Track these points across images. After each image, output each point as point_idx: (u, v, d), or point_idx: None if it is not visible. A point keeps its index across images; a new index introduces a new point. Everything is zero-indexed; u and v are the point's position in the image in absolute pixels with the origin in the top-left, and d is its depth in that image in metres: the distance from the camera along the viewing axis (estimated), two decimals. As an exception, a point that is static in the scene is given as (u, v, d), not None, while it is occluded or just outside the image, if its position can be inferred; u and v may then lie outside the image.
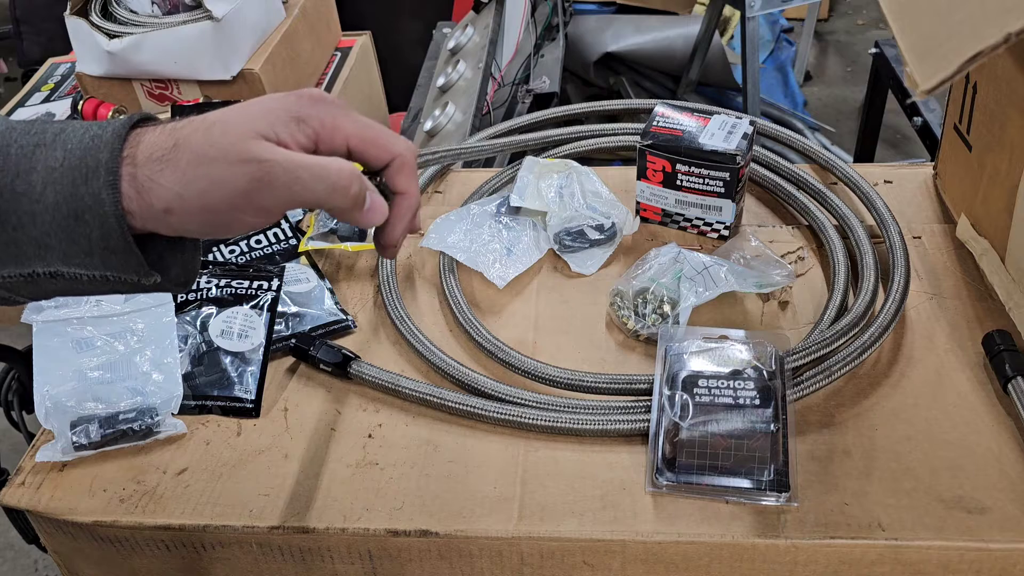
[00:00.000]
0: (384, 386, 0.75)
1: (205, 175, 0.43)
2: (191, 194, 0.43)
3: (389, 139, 0.49)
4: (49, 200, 0.43)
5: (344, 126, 0.47)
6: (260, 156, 0.43)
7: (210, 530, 0.67)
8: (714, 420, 0.68)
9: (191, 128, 0.44)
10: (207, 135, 0.44)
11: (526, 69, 1.79)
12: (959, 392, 0.73)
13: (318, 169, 0.45)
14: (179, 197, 0.43)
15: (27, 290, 0.47)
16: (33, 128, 0.45)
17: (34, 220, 0.43)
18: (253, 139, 0.44)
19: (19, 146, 0.44)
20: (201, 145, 0.43)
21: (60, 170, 0.43)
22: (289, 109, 0.46)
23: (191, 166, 0.43)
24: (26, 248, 0.44)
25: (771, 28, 2.86)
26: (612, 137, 0.99)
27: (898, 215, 0.85)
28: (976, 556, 0.62)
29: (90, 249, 0.44)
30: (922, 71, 0.56)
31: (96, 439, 0.72)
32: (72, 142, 0.44)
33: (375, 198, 0.48)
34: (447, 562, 0.67)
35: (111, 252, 0.44)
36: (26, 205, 0.43)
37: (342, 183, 0.46)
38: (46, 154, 0.43)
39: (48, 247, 0.44)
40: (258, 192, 0.44)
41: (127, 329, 0.78)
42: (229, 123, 0.44)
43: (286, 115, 0.45)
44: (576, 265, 0.88)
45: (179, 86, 1.25)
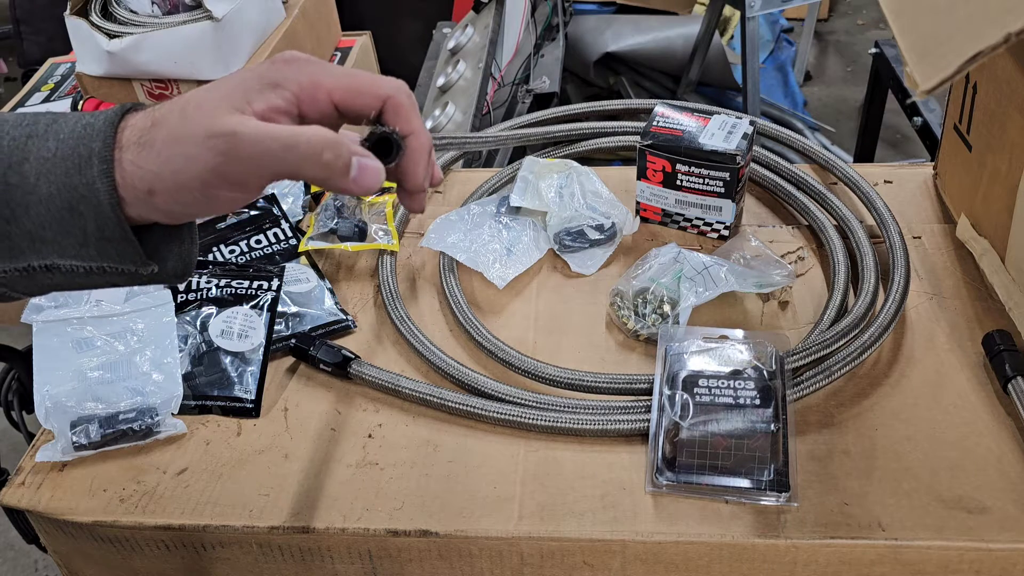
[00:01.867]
0: (384, 386, 0.75)
1: (180, 153, 0.42)
2: (167, 172, 0.42)
3: (374, 83, 0.46)
4: (43, 191, 0.42)
5: (323, 81, 0.44)
6: (226, 129, 0.42)
7: (210, 530, 0.67)
8: (714, 420, 0.68)
9: (168, 108, 0.43)
10: (182, 113, 0.43)
11: (526, 69, 1.79)
12: (959, 392, 0.73)
13: (286, 138, 0.43)
14: (158, 177, 0.42)
15: (22, 285, 0.46)
16: (25, 119, 0.44)
17: (27, 212, 0.43)
18: (225, 114, 0.42)
19: (11, 137, 0.43)
20: (176, 124, 0.43)
21: (53, 160, 0.42)
22: (263, 76, 0.44)
23: (166, 145, 0.42)
24: (20, 241, 0.43)
25: (771, 28, 2.86)
26: (612, 137, 0.99)
27: (898, 215, 0.85)
28: (976, 556, 0.62)
29: (85, 240, 0.43)
30: (922, 71, 0.56)
31: (96, 439, 0.72)
32: (64, 132, 0.43)
33: (364, 162, 0.44)
34: (447, 562, 0.67)
35: (107, 242, 0.43)
36: (19, 197, 0.42)
37: (312, 151, 0.43)
38: (38, 145, 0.43)
39: (42, 240, 0.43)
40: (227, 165, 0.42)
41: (127, 329, 0.78)
42: (203, 100, 0.43)
43: (259, 83, 0.44)
44: (576, 265, 0.88)
45: (179, 86, 1.25)
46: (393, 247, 0.89)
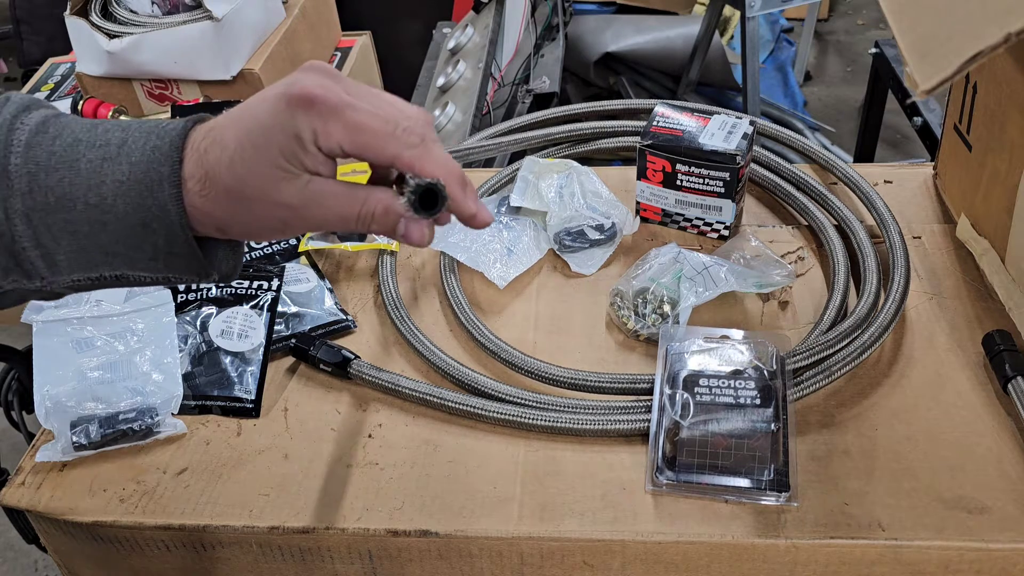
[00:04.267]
0: (384, 386, 0.75)
1: (247, 210, 0.46)
2: (236, 223, 0.47)
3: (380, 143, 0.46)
4: (119, 210, 0.46)
5: (333, 133, 0.45)
6: (288, 203, 0.46)
7: (210, 530, 0.67)
8: (715, 419, 0.68)
9: (212, 159, 0.46)
10: (231, 171, 0.45)
11: (526, 69, 1.79)
12: (959, 392, 0.73)
13: (340, 213, 0.47)
14: (228, 224, 0.47)
15: (91, 289, 0.50)
16: (97, 138, 0.47)
17: (104, 229, 0.46)
18: (277, 181, 0.45)
19: (88, 160, 0.46)
20: (232, 183, 0.46)
21: (128, 183, 0.46)
22: (284, 127, 0.45)
23: (229, 201, 0.46)
24: (95, 255, 0.47)
25: (771, 28, 2.86)
26: (612, 138, 0.99)
27: (898, 215, 0.85)
28: (976, 556, 0.62)
29: (155, 254, 0.47)
30: (922, 71, 0.56)
31: (96, 439, 0.72)
32: (135, 155, 0.46)
33: (412, 226, 0.48)
34: (447, 562, 0.67)
35: (175, 256, 0.47)
36: (98, 215, 0.46)
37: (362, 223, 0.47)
38: (113, 168, 0.46)
39: (115, 253, 0.47)
40: (291, 227, 0.47)
41: (127, 329, 0.78)
42: (246, 160, 0.45)
43: (283, 136, 0.45)
44: (576, 265, 0.88)
45: (179, 86, 1.25)
46: (393, 247, 0.89)
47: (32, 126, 0.47)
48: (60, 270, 0.47)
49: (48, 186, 0.46)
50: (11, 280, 0.48)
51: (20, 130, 0.47)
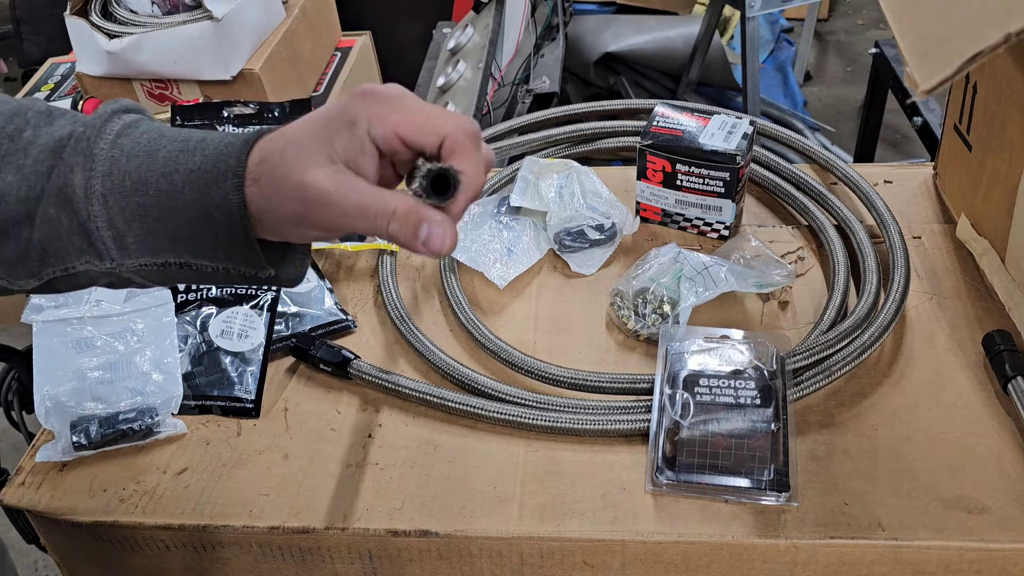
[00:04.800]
0: (384, 386, 0.75)
1: (276, 193, 0.47)
2: (269, 207, 0.47)
3: (437, 121, 0.47)
4: (187, 198, 0.48)
5: (388, 117, 0.46)
6: (311, 183, 0.46)
7: (210, 530, 0.67)
8: (715, 419, 0.68)
9: (272, 145, 0.48)
10: (282, 155, 0.47)
11: (526, 69, 1.79)
12: (959, 392, 0.73)
13: (362, 203, 0.46)
14: (263, 210, 0.48)
15: (158, 277, 0.51)
16: (182, 135, 0.50)
17: (172, 215, 0.48)
18: (315, 163, 0.46)
19: (167, 151, 0.49)
20: (276, 165, 0.47)
21: (197, 172, 0.48)
22: (344, 113, 0.47)
23: (268, 183, 0.47)
24: (163, 240, 0.49)
25: (771, 28, 2.86)
26: (612, 138, 0.99)
27: (898, 215, 0.85)
28: (976, 556, 0.62)
29: (216, 243, 0.48)
30: (922, 71, 0.56)
31: (96, 439, 0.72)
32: (209, 149, 0.48)
33: (435, 230, 0.46)
34: (447, 562, 0.67)
35: (234, 246, 0.49)
36: (166, 202, 0.48)
37: (380, 221, 0.46)
38: (187, 158, 0.48)
39: (181, 240, 0.49)
40: (310, 212, 0.47)
41: (127, 329, 0.78)
42: (300, 141, 0.47)
43: (342, 121, 0.47)
44: (576, 265, 0.88)
45: (179, 86, 1.25)
46: (393, 247, 0.89)
47: (127, 122, 0.50)
48: (129, 253, 0.49)
49: (127, 171, 0.48)
50: (84, 261, 0.50)
51: (114, 122, 0.50)
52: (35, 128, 0.50)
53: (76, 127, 0.50)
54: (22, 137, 0.50)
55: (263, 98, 1.24)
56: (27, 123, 0.50)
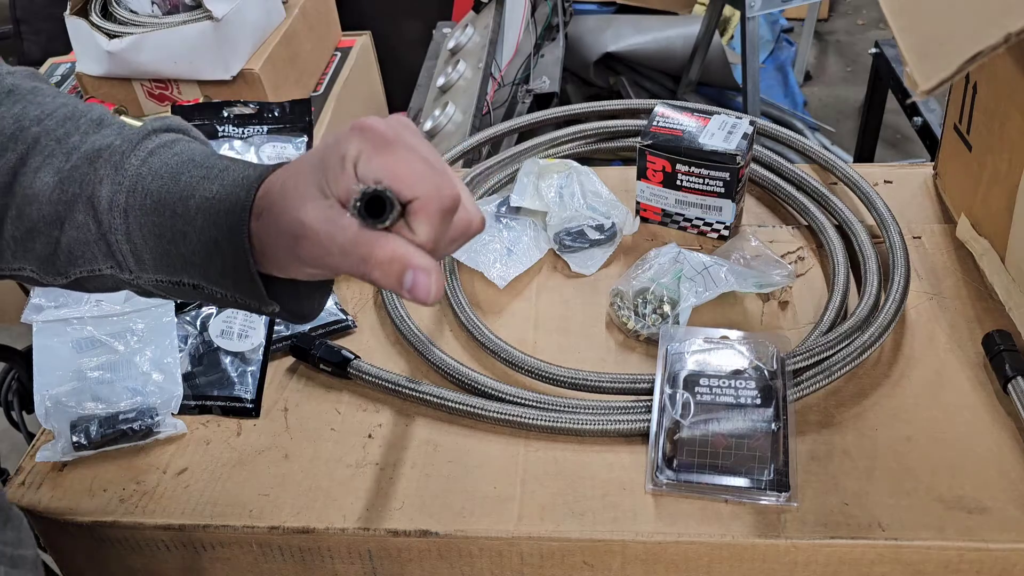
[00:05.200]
0: (384, 386, 0.75)
1: (275, 225, 0.47)
2: (268, 240, 0.48)
3: (415, 178, 0.44)
4: (199, 224, 0.48)
5: (373, 159, 0.44)
6: (303, 220, 0.45)
7: (210, 530, 0.67)
8: (715, 419, 0.68)
9: (275, 179, 0.48)
10: (282, 189, 0.47)
11: (526, 69, 1.79)
12: (959, 392, 0.73)
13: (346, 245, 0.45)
14: (264, 243, 0.48)
15: (176, 293, 0.52)
16: (208, 162, 0.50)
17: (185, 239, 0.49)
18: (308, 197, 0.45)
19: (189, 175, 0.50)
20: (276, 198, 0.47)
21: (212, 201, 0.48)
22: (338, 147, 0.46)
23: (268, 216, 0.47)
24: (176, 261, 0.50)
25: (771, 28, 2.86)
26: (612, 141, 0.99)
27: (898, 215, 0.85)
28: (976, 556, 0.62)
29: (224, 272, 0.49)
30: (922, 71, 0.56)
31: (96, 439, 0.72)
32: (228, 179, 0.49)
33: (420, 278, 0.44)
34: (447, 562, 0.67)
35: (240, 278, 0.49)
36: (181, 225, 0.49)
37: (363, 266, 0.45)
38: (206, 186, 0.49)
39: (193, 264, 0.50)
40: (300, 248, 0.46)
41: (127, 329, 0.78)
42: (297, 177, 0.47)
43: (335, 156, 0.45)
44: (576, 265, 0.88)
45: (179, 86, 1.25)
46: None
47: (163, 141, 0.52)
48: (146, 268, 0.51)
49: (149, 190, 0.49)
50: (108, 266, 0.51)
51: (151, 140, 0.51)
52: (83, 135, 0.52)
53: (116, 139, 0.51)
54: (69, 141, 0.51)
55: (263, 98, 1.24)
56: (77, 128, 0.52)
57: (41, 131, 0.52)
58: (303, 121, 0.91)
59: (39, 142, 0.51)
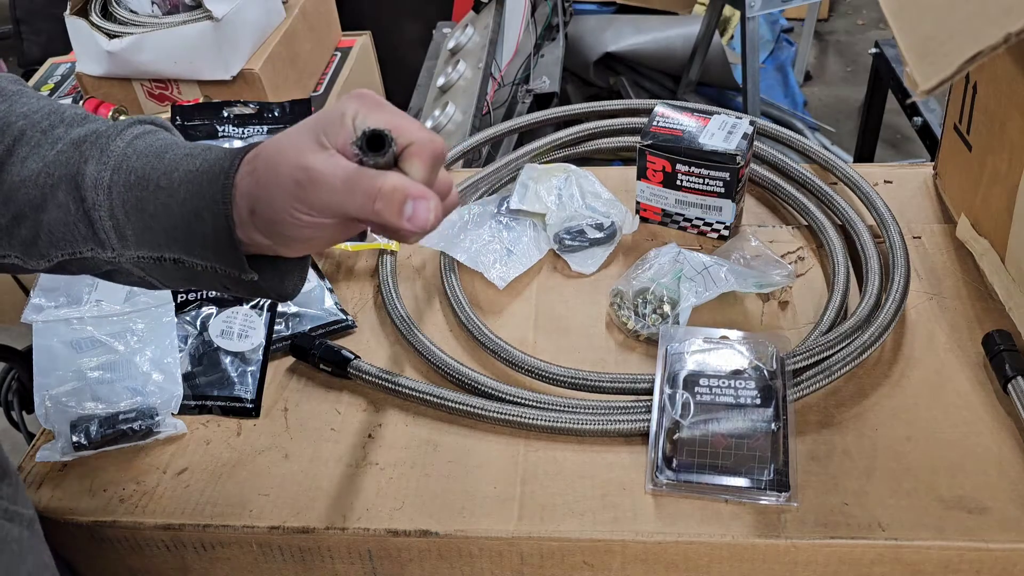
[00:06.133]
0: (384, 386, 0.75)
1: (272, 177, 0.49)
2: (263, 194, 0.49)
3: (411, 128, 0.49)
4: (181, 196, 0.51)
5: (372, 113, 0.49)
6: (305, 163, 0.48)
7: (210, 530, 0.67)
8: (715, 419, 0.68)
9: (268, 143, 0.50)
10: (277, 145, 0.49)
11: (526, 69, 1.79)
12: (959, 392, 0.73)
13: (349, 180, 0.48)
14: (256, 199, 0.49)
15: (158, 272, 0.54)
16: (191, 145, 0.53)
17: (168, 211, 0.51)
18: (308, 148, 0.48)
19: (173, 154, 0.52)
20: (271, 153, 0.49)
21: (195, 173, 0.51)
22: (336, 108, 0.49)
23: (263, 171, 0.49)
24: (158, 235, 0.52)
25: (771, 28, 2.86)
26: (612, 137, 0.99)
27: (898, 215, 0.85)
28: (976, 556, 0.62)
29: (204, 242, 0.51)
30: (922, 71, 0.56)
31: (96, 439, 0.72)
32: (211, 155, 0.52)
33: (420, 206, 0.48)
34: (447, 562, 0.67)
35: (220, 246, 0.51)
36: (163, 198, 0.51)
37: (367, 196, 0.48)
38: (189, 162, 0.51)
39: (175, 237, 0.51)
40: (304, 192, 0.48)
41: (127, 329, 0.78)
42: (293, 132, 0.49)
43: (334, 115, 0.49)
44: (576, 265, 0.88)
45: (179, 86, 1.25)
46: (393, 247, 0.89)
47: (148, 129, 0.54)
48: (128, 244, 0.52)
49: (133, 167, 0.52)
50: (89, 248, 0.53)
51: (136, 127, 0.54)
52: (68, 126, 0.54)
53: (101, 126, 0.54)
54: (54, 132, 0.54)
55: (263, 98, 1.24)
56: (62, 121, 0.54)
57: (27, 124, 0.54)
58: (303, 121, 0.91)
59: (25, 134, 0.54)
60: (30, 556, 0.53)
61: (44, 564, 0.55)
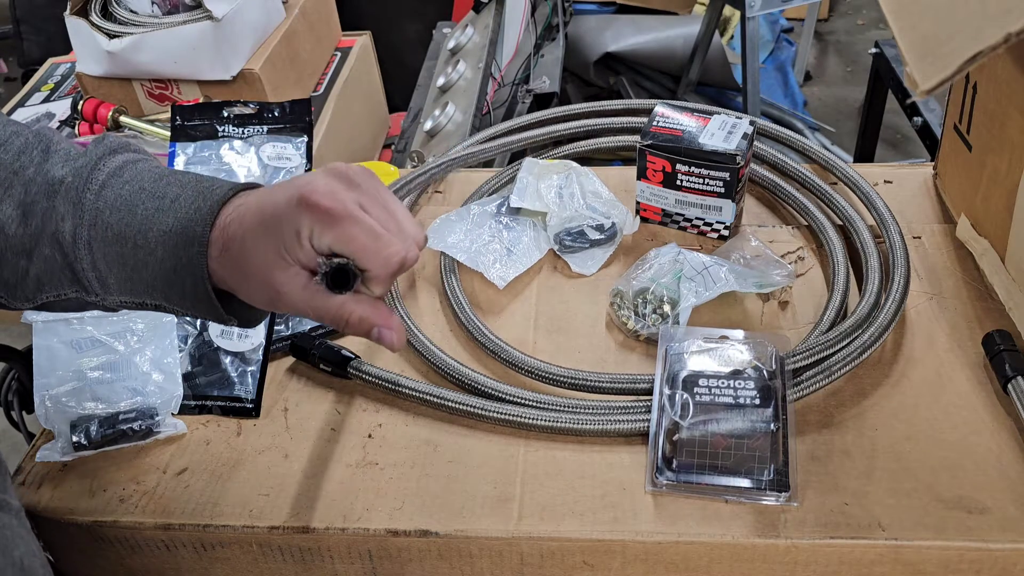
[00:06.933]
0: (384, 386, 0.75)
1: (245, 282, 0.53)
2: (240, 289, 0.54)
3: (363, 255, 0.51)
4: (159, 255, 0.54)
5: (324, 235, 0.51)
6: (278, 287, 0.52)
7: (210, 530, 0.67)
8: (714, 419, 0.68)
9: (233, 231, 0.53)
10: (241, 248, 0.52)
11: (526, 69, 1.79)
12: (959, 392, 0.73)
13: (319, 309, 0.53)
14: (236, 290, 0.54)
15: (141, 311, 0.58)
16: (158, 191, 0.55)
17: (146, 267, 0.54)
18: (274, 265, 0.52)
19: (144, 208, 0.54)
20: (237, 257, 0.53)
21: (169, 234, 0.53)
22: (293, 222, 0.51)
23: (234, 272, 0.53)
24: (139, 286, 0.55)
25: (771, 28, 2.86)
26: (612, 137, 0.99)
27: (898, 215, 0.85)
28: (976, 556, 0.62)
29: (184, 296, 0.55)
30: (922, 71, 0.56)
31: (96, 439, 0.72)
32: (181, 211, 0.54)
33: (385, 334, 0.53)
34: (447, 562, 0.67)
35: (199, 300, 0.55)
36: (142, 256, 0.54)
37: (338, 325, 0.53)
38: (161, 218, 0.54)
39: (155, 288, 0.55)
40: (275, 304, 0.53)
41: (127, 329, 0.78)
42: (256, 239, 0.52)
43: (289, 230, 0.51)
44: (576, 265, 0.88)
45: (179, 86, 1.25)
46: (393, 247, 0.89)
47: (111, 169, 0.55)
48: (111, 291, 0.56)
49: (109, 223, 0.54)
50: (74, 291, 0.56)
51: (100, 171, 0.55)
52: (37, 166, 0.56)
53: (67, 172, 0.55)
54: (25, 174, 0.55)
55: (263, 98, 1.24)
56: (31, 161, 0.56)
57: None
58: (303, 121, 0.91)
59: None
60: (21, 543, 0.54)
61: (34, 552, 0.55)
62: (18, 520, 0.57)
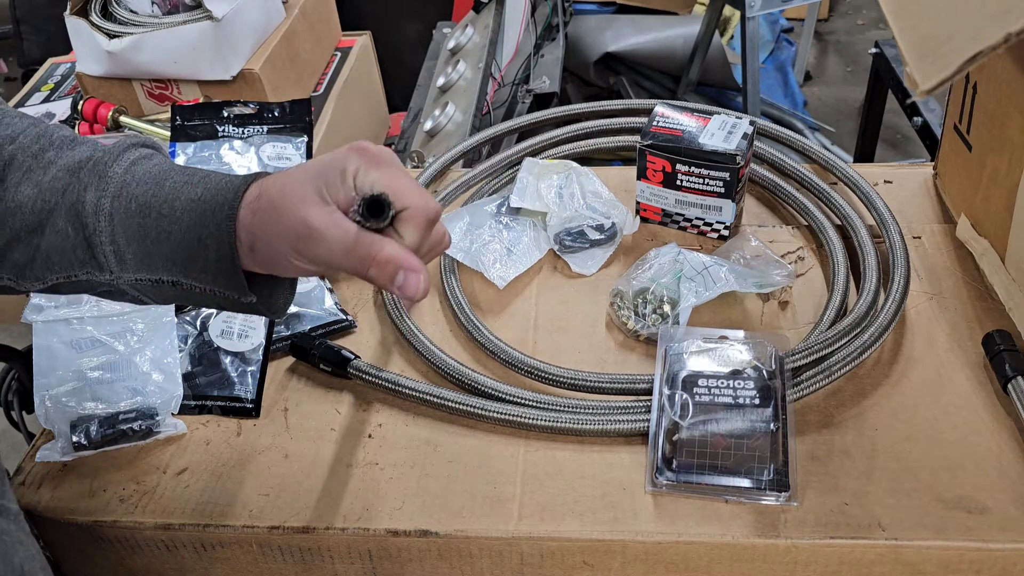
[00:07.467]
0: (384, 386, 0.75)
1: (276, 222, 0.51)
2: (264, 236, 0.52)
3: (407, 191, 0.51)
4: (184, 223, 0.53)
5: (371, 172, 0.51)
6: (306, 218, 0.50)
7: (210, 530, 0.67)
8: (714, 419, 0.68)
9: (271, 182, 0.52)
10: (281, 191, 0.51)
11: (526, 69, 1.79)
12: (959, 392, 0.73)
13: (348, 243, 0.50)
14: (258, 239, 0.52)
15: (153, 293, 0.56)
16: (188, 170, 0.55)
17: (169, 238, 0.53)
18: (310, 201, 0.51)
19: (173, 182, 0.54)
20: (275, 198, 0.51)
21: (197, 202, 0.53)
22: (337, 162, 0.51)
23: (267, 213, 0.51)
24: (158, 259, 0.54)
25: (771, 28, 2.86)
26: (612, 136, 0.99)
27: (898, 215, 0.85)
28: (976, 556, 0.62)
29: (206, 266, 0.53)
30: (922, 71, 0.56)
31: (96, 439, 0.72)
32: (211, 184, 0.53)
33: (411, 277, 0.51)
34: (447, 562, 0.67)
35: (221, 271, 0.53)
36: (165, 225, 0.53)
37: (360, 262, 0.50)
38: (190, 190, 0.53)
39: (175, 261, 0.53)
40: (303, 245, 0.51)
41: (127, 329, 0.78)
42: (297, 180, 0.51)
43: (334, 169, 0.51)
44: (576, 265, 0.88)
45: (179, 86, 1.25)
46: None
47: (142, 154, 0.56)
48: (127, 267, 0.54)
49: (134, 195, 0.53)
50: (85, 271, 0.55)
51: (131, 152, 0.56)
52: (58, 150, 0.55)
53: (96, 152, 0.55)
54: (44, 156, 0.55)
55: (263, 98, 1.24)
56: (51, 144, 0.56)
57: (16, 149, 0.55)
58: (303, 121, 0.91)
59: (15, 159, 0.55)
60: (20, 548, 0.54)
61: (33, 556, 0.55)
62: (17, 525, 0.57)
